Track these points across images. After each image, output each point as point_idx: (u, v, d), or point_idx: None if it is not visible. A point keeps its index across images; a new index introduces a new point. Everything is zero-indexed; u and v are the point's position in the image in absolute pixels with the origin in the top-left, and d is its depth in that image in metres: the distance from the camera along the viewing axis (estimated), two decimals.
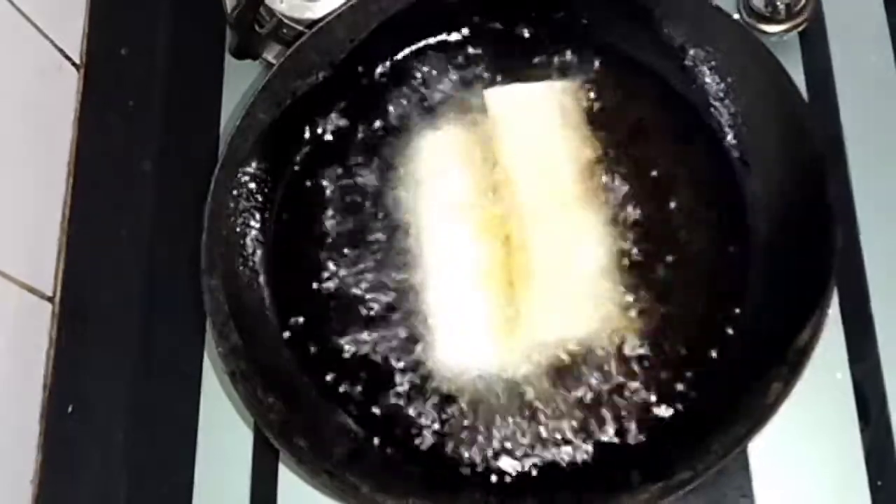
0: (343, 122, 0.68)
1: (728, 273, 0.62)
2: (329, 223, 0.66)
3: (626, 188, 0.64)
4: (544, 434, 0.59)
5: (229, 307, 0.61)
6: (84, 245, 0.71)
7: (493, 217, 0.64)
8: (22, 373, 0.67)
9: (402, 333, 0.62)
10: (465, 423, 0.60)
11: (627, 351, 0.60)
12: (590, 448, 0.59)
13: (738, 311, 0.61)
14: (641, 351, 0.60)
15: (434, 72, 0.69)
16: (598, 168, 0.64)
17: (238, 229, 0.64)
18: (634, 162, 0.64)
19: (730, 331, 0.60)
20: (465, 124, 0.67)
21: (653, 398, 0.59)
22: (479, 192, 0.65)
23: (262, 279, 0.64)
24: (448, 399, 0.61)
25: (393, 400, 0.61)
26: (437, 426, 0.60)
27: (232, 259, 0.63)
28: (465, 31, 0.69)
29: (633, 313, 0.61)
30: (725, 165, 0.64)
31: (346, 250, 0.65)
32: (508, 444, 0.59)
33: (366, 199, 0.66)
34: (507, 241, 0.63)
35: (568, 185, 0.64)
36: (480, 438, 0.60)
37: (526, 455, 0.59)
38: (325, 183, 0.67)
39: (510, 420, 0.60)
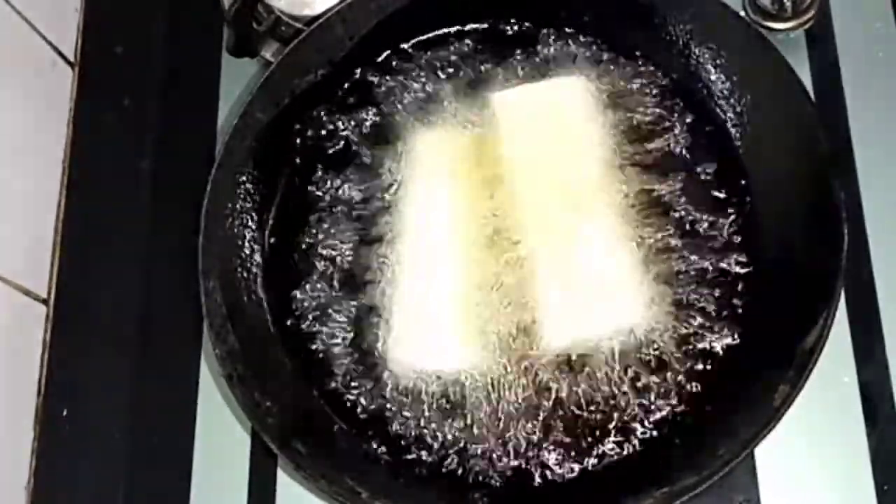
0: (343, 121, 0.68)
1: (734, 275, 0.61)
2: (328, 224, 0.65)
3: (632, 188, 0.63)
4: (549, 439, 0.59)
5: (227, 309, 0.60)
6: (79, 246, 0.71)
7: (499, 218, 0.63)
8: (15, 376, 0.66)
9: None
10: (467, 429, 0.60)
11: (632, 355, 0.60)
12: (594, 453, 0.58)
13: (744, 313, 0.60)
14: (646, 355, 0.60)
15: (435, 69, 0.68)
16: (605, 167, 0.64)
17: (236, 230, 0.64)
18: (640, 162, 0.64)
19: (736, 333, 0.60)
20: (466, 123, 0.66)
21: (658, 402, 0.59)
22: (485, 192, 0.64)
23: (259, 281, 0.64)
24: (449, 405, 0.60)
25: (392, 405, 0.61)
26: (437, 432, 0.60)
27: (229, 261, 0.63)
28: (466, 28, 0.69)
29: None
30: (731, 165, 0.64)
31: (345, 252, 0.64)
32: (511, 450, 0.59)
33: (366, 199, 0.66)
34: (514, 242, 0.63)
35: (576, 185, 0.64)
36: (482, 444, 0.59)
37: (529, 460, 0.59)
38: (324, 183, 0.66)
39: (512, 426, 0.59)
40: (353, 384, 0.61)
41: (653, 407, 0.59)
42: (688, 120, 0.65)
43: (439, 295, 0.62)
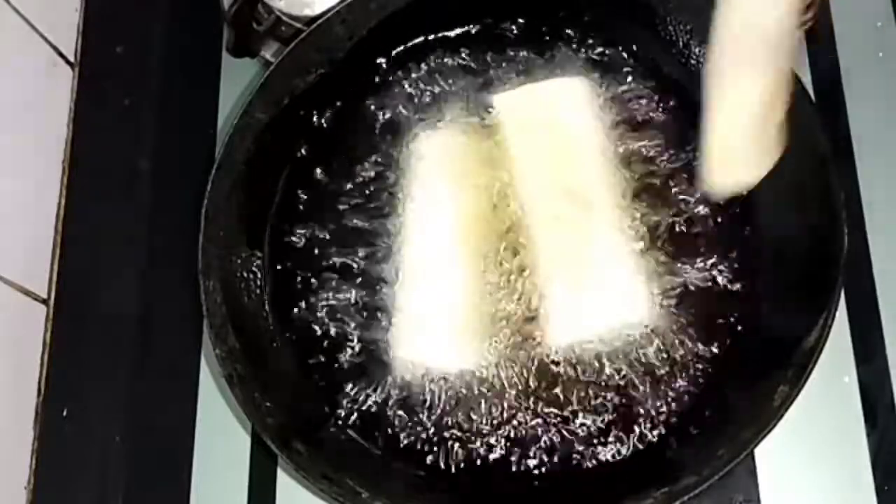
0: (342, 122, 0.68)
1: (735, 275, 0.61)
2: (329, 224, 0.65)
3: (633, 187, 0.63)
4: (550, 439, 0.59)
5: (227, 309, 0.60)
6: (79, 246, 0.71)
7: (502, 218, 0.63)
8: (15, 376, 0.66)
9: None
10: (470, 428, 0.60)
11: (633, 355, 0.60)
12: (595, 452, 0.58)
13: (745, 313, 0.60)
14: (648, 355, 0.60)
15: (434, 70, 0.68)
16: (606, 166, 0.64)
17: (236, 230, 0.63)
18: (641, 161, 0.64)
19: (737, 334, 0.60)
20: (468, 124, 0.66)
21: (658, 402, 0.59)
22: (487, 192, 0.64)
23: (260, 280, 0.64)
24: (452, 404, 0.60)
25: (395, 404, 0.61)
26: (440, 431, 0.60)
27: (230, 261, 0.63)
28: (466, 28, 0.69)
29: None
30: None
31: (346, 252, 0.64)
32: (511, 450, 0.59)
33: (366, 199, 0.66)
34: (517, 241, 0.63)
35: (578, 184, 0.64)
36: (484, 443, 0.59)
37: (530, 461, 0.59)
38: (324, 183, 0.66)
39: (515, 424, 0.59)
40: (354, 384, 0.61)
41: (654, 406, 0.59)
42: (688, 120, 0.65)
43: (443, 294, 0.62)
